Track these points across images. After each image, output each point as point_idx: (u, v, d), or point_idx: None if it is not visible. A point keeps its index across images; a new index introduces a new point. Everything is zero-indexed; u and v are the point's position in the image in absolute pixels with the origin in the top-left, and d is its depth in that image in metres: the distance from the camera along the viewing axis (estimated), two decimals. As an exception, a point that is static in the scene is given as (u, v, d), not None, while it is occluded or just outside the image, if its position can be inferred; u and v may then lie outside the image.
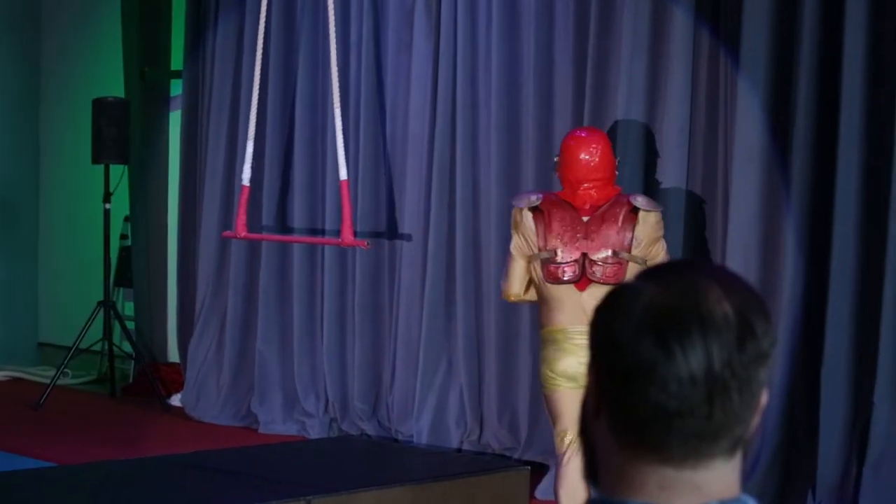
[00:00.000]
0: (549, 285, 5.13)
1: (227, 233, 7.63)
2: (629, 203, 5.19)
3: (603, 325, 1.36)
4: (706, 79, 6.28)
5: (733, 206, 6.08)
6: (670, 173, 6.35)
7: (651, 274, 1.39)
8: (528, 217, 5.18)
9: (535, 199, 5.24)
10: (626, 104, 6.42)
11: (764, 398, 1.37)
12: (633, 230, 5.13)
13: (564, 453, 5.08)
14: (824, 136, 5.83)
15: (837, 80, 5.75)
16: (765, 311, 1.37)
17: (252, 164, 7.40)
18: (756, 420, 1.37)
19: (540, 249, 5.16)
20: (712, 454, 1.34)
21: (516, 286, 5.22)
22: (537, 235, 5.16)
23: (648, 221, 5.15)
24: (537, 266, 5.16)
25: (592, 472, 1.40)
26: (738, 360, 1.33)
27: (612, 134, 6.30)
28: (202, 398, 8.16)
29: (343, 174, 7.08)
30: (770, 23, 5.98)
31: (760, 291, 1.42)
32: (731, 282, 1.37)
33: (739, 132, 6.03)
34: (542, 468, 6.59)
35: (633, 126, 6.44)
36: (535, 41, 6.90)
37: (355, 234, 7.28)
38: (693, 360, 1.31)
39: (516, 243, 5.22)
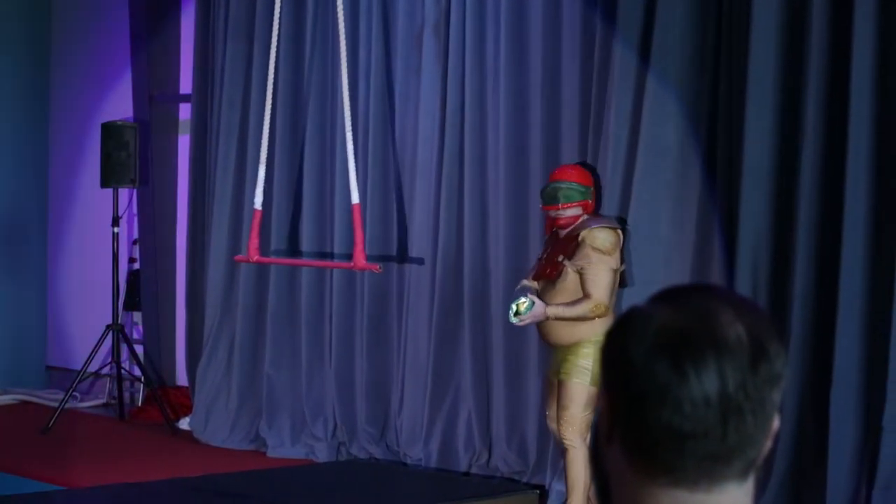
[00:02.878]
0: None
1: (240, 257, 7.63)
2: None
3: (616, 348, 1.36)
4: (708, 96, 6.27)
5: (742, 222, 6.08)
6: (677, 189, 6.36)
7: (662, 297, 1.39)
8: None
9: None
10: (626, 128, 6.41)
11: (776, 422, 1.37)
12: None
13: None
14: (833, 152, 5.82)
15: (846, 95, 5.75)
16: (776, 333, 1.37)
17: (263, 187, 7.41)
18: (768, 443, 1.37)
19: (621, 263, 6.16)
20: (725, 477, 1.34)
21: (613, 299, 6.08)
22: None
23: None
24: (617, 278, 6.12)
25: (605, 500, 1.40)
26: (751, 381, 1.33)
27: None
28: (211, 421, 8.14)
29: (355, 198, 7.09)
30: (777, 38, 5.99)
31: (769, 314, 1.42)
32: (742, 304, 1.37)
33: (748, 145, 6.04)
34: (549, 490, 6.61)
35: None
36: (542, 65, 6.94)
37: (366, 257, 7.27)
38: (707, 381, 1.31)
39: (618, 259, 6.09)
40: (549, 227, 6.27)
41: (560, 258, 6.09)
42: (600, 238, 6.06)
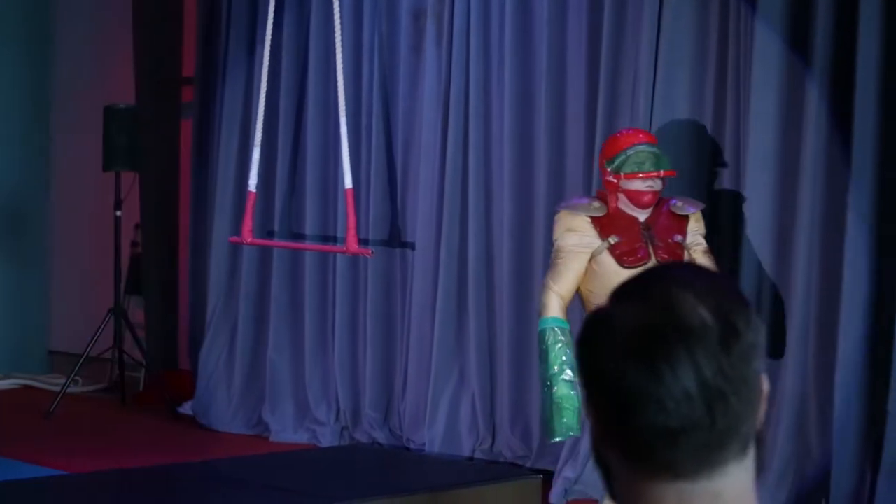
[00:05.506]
0: None
1: (234, 238, 7.60)
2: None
3: (587, 359, 1.36)
4: (714, 85, 6.28)
5: (748, 210, 6.08)
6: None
7: (622, 293, 1.37)
8: None
9: None
10: (641, 112, 6.39)
11: (765, 385, 1.36)
12: None
13: None
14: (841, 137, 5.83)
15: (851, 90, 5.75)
16: (742, 301, 1.36)
17: (260, 170, 7.38)
18: (762, 411, 1.36)
19: None
20: (725, 460, 1.34)
21: None
22: None
23: None
24: None
25: (612, 491, 1.41)
26: (727, 363, 1.32)
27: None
28: (213, 406, 8.12)
29: (348, 182, 7.06)
30: (783, 28, 5.98)
31: (731, 280, 1.41)
32: (701, 282, 1.35)
33: (753, 134, 6.04)
34: (553, 476, 6.55)
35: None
36: (547, 49, 6.88)
37: (365, 241, 7.26)
38: (683, 376, 1.31)
39: None
40: (643, 201, 5.22)
41: (677, 238, 5.25)
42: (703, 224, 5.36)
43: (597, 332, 1.36)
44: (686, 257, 5.22)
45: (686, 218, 5.33)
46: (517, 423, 7.07)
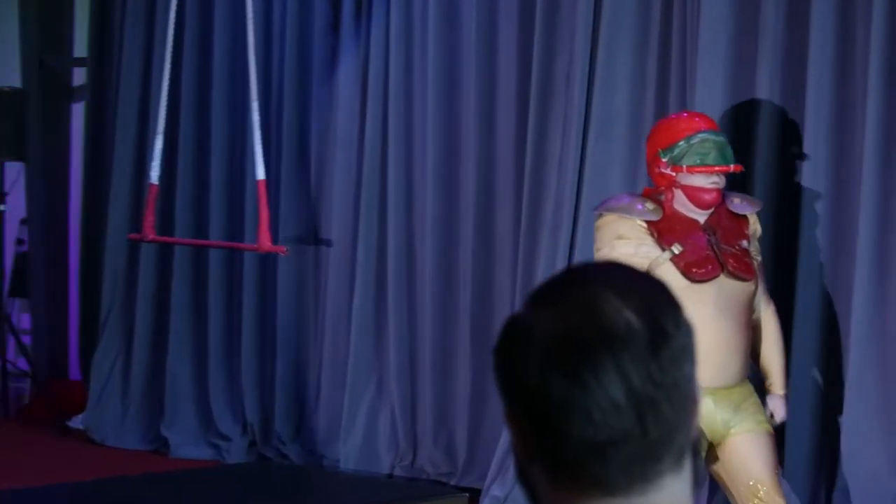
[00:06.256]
0: None
1: (134, 235, 7.44)
2: None
3: (505, 370, 1.33)
4: (657, 64, 6.25)
5: None
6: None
7: (539, 297, 1.34)
8: None
9: None
10: (577, 96, 6.34)
11: (698, 392, 1.33)
12: None
13: None
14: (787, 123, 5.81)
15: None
16: (670, 301, 1.33)
17: (162, 161, 7.18)
18: (696, 419, 1.34)
19: None
20: (659, 473, 1.31)
21: None
22: None
23: None
24: None
25: None
26: (656, 368, 1.29)
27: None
28: (106, 419, 7.90)
29: (260, 173, 6.89)
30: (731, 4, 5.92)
31: (655, 280, 1.36)
32: (624, 282, 1.33)
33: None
34: (479, 495, 6.49)
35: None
36: (476, 26, 6.79)
37: (276, 239, 7.11)
38: (610, 385, 1.28)
39: None
40: (705, 200, 4.58)
41: (743, 244, 4.59)
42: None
43: (515, 340, 1.33)
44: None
45: (745, 219, 4.65)
46: (441, 436, 6.97)
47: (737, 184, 5.28)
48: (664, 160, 4.55)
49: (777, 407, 4.59)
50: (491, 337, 6.23)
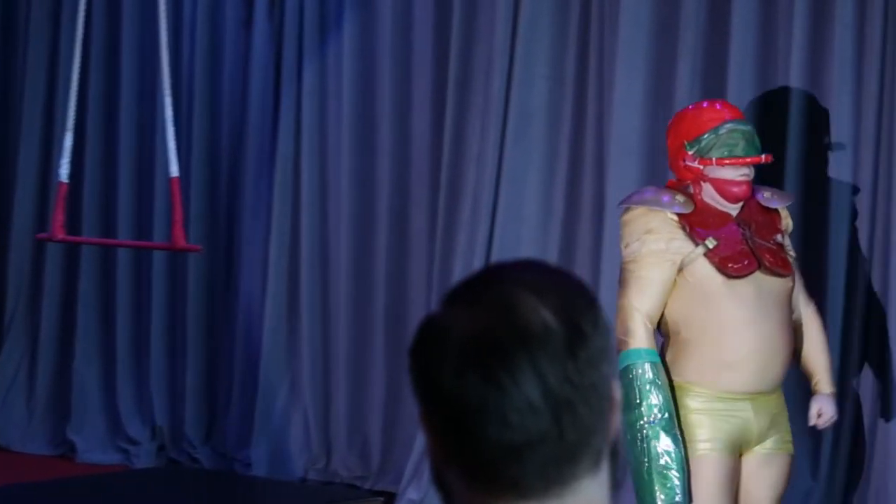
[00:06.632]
0: None
1: (42, 234, 7.25)
2: None
3: (420, 371, 1.33)
4: (575, 62, 6.23)
5: (609, 199, 5.96)
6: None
7: (454, 297, 1.34)
8: None
9: None
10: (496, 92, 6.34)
11: (617, 393, 1.34)
12: None
13: None
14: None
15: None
16: (588, 301, 1.33)
17: (71, 158, 6.94)
18: (616, 421, 1.34)
19: None
20: (576, 476, 1.32)
21: None
22: None
23: None
24: None
25: None
26: (574, 369, 1.29)
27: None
28: (10, 423, 7.76)
29: (174, 170, 6.74)
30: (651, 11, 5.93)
31: (575, 277, 1.36)
32: (542, 281, 1.32)
33: (617, 120, 6.00)
34: (394, 498, 6.51)
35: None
36: (392, 22, 6.76)
37: (187, 238, 6.91)
38: (526, 386, 1.28)
39: None
40: (734, 193, 4.39)
41: (778, 238, 4.42)
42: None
43: (430, 341, 1.33)
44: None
45: (777, 213, 4.46)
46: (354, 439, 6.93)
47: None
48: (690, 153, 4.34)
49: (826, 406, 4.40)
50: (406, 338, 6.11)
